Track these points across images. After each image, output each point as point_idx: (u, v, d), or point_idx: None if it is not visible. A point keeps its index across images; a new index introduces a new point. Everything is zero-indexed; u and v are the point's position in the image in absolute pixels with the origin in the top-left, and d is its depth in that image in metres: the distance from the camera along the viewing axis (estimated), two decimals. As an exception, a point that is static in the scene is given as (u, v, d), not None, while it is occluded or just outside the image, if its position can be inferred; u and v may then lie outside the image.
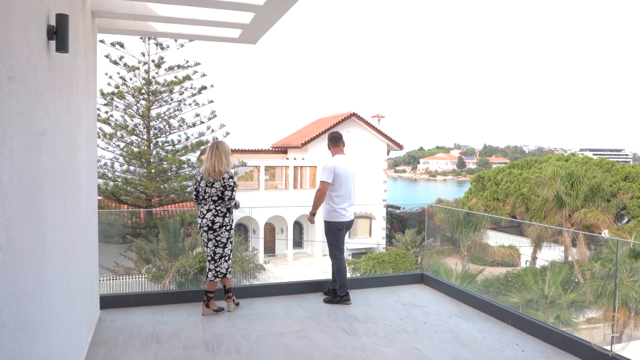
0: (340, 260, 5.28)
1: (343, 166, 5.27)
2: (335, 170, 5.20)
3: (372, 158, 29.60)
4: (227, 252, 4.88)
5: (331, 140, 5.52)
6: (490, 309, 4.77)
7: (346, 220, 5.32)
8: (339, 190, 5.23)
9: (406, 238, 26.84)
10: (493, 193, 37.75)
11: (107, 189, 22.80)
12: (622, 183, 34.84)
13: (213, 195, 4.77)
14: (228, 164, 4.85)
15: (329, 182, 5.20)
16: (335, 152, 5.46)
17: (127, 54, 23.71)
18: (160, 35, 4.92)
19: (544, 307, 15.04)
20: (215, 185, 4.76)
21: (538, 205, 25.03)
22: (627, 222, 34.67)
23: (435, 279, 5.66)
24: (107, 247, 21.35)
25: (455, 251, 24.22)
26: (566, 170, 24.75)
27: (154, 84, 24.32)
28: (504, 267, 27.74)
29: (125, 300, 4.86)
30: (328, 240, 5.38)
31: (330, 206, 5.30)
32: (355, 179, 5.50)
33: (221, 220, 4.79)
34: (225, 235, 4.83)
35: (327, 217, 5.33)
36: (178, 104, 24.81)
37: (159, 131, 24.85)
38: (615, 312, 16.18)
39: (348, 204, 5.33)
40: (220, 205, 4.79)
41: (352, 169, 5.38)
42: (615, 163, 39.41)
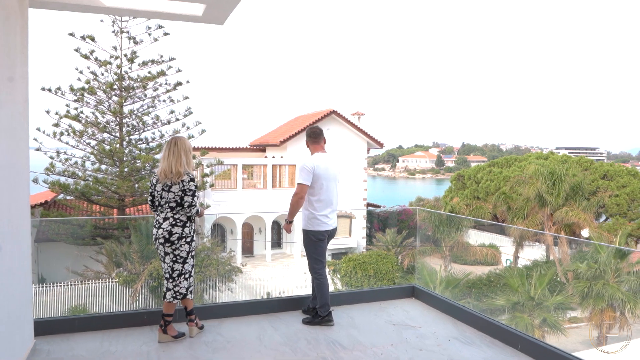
0: (321, 275, 4.58)
1: (324, 166, 4.58)
2: (315, 170, 4.50)
3: (352, 156, 29.04)
4: (187, 269, 4.12)
5: (310, 136, 4.80)
6: (494, 330, 4.16)
7: (328, 229, 4.61)
8: (319, 194, 4.54)
9: (387, 237, 26.38)
10: (473, 191, 37.55)
11: (77, 188, 21.78)
12: (600, 181, 34.95)
13: (170, 200, 4.02)
14: (189, 163, 4.11)
15: (308, 185, 4.48)
16: (315, 149, 4.74)
17: (99, 48, 22.70)
18: (108, 12, 4.19)
19: (530, 310, 14.62)
20: (173, 189, 4.02)
21: (520, 204, 24.73)
22: (605, 219, 34.79)
23: (428, 293, 5.02)
24: (78, 249, 20.40)
25: (436, 251, 23.81)
26: (548, 169, 24.49)
27: (126, 79, 23.37)
28: (485, 267, 27.50)
29: (68, 325, 4.08)
30: (307, 252, 4.67)
31: (309, 213, 4.58)
32: (338, 180, 4.81)
33: (180, 231, 4.04)
34: (186, 248, 4.08)
35: (306, 225, 4.61)
36: (152, 100, 23.89)
37: (132, 128, 23.91)
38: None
39: (330, 210, 4.63)
40: (179, 213, 4.05)
41: (334, 169, 4.71)
42: (594, 161, 39.58)
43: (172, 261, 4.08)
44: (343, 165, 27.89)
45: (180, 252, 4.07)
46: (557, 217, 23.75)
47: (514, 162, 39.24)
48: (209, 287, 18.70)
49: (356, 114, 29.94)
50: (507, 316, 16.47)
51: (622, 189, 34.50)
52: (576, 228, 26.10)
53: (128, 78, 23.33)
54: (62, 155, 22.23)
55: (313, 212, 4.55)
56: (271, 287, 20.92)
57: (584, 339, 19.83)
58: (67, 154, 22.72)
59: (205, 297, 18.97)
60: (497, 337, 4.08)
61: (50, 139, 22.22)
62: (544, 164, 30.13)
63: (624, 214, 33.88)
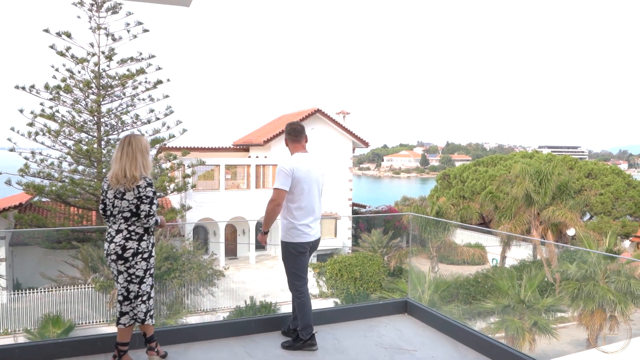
0: (302, 293, 4.03)
1: (305, 168, 4.01)
2: (295, 173, 3.94)
3: (337, 156, 28.56)
4: (145, 290, 3.54)
5: (290, 134, 4.22)
6: (499, 354, 3.67)
7: (310, 241, 4.05)
8: (299, 200, 3.98)
9: (372, 238, 25.96)
10: (459, 191, 37.35)
11: (52, 190, 21.00)
12: (585, 180, 34.95)
13: (124, 210, 3.45)
14: (146, 166, 3.54)
15: (286, 190, 3.92)
16: (295, 149, 4.16)
17: (75, 44, 21.94)
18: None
19: (521, 313, 14.27)
20: (127, 196, 3.44)
21: (507, 203, 24.46)
22: (590, 218, 34.81)
23: (423, 309, 4.53)
24: (53, 253, 19.64)
25: (423, 251, 23.47)
26: (534, 168, 24.26)
27: (104, 77, 22.63)
28: (472, 266, 27.24)
29: (7, 356, 3.51)
30: (286, 266, 4.11)
31: (288, 222, 4.01)
32: (322, 184, 4.24)
33: (135, 246, 3.45)
34: (142, 266, 3.49)
35: (285, 236, 4.05)
36: (131, 99, 23.21)
37: (110, 128, 23.19)
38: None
39: (312, 218, 4.06)
40: (134, 224, 3.48)
41: (317, 171, 4.13)
42: (578, 160, 39.64)
43: (126, 280, 3.50)
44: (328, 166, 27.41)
45: (135, 271, 3.48)
46: (544, 216, 23.52)
47: (499, 161, 39.14)
48: (189, 292, 18.13)
49: (341, 112, 29.47)
50: (496, 319, 16.13)
51: (607, 187, 34.55)
52: (563, 227, 25.93)
53: (106, 76, 22.62)
54: (37, 156, 21.44)
55: (292, 221, 4.00)
56: (254, 291, 20.36)
57: (572, 339, 19.62)
58: (42, 154, 21.94)
59: (187, 301, 18.40)
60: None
61: (25, 139, 21.44)
62: (529, 162, 29.97)
63: (608, 212, 33.92)
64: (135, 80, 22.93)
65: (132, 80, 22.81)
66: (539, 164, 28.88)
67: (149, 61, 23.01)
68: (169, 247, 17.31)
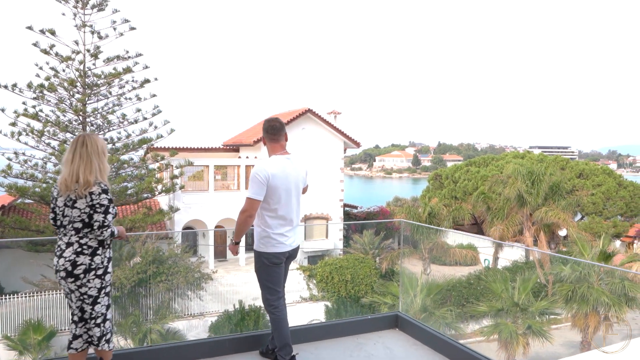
0: (277, 308, 3.62)
1: (283, 174, 3.61)
2: (271, 180, 3.54)
3: (328, 156, 28.21)
4: (99, 311, 3.13)
5: (267, 132, 3.77)
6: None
7: (286, 250, 3.65)
8: (275, 209, 3.59)
9: (364, 239, 25.67)
10: (451, 191, 37.15)
11: (36, 191, 20.49)
12: (576, 180, 34.88)
13: (75, 220, 3.04)
14: (102, 170, 3.15)
15: (259, 200, 3.53)
16: (274, 149, 3.74)
17: (59, 42, 21.42)
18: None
19: (514, 316, 13.99)
20: (79, 204, 3.03)
21: (499, 204, 24.23)
22: (581, 218, 34.74)
23: (415, 324, 4.17)
24: (35, 257, 19.12)
25: (415, 252, 23.20)
26: (526, 169, 24.06)
27: (90, 76, 22.12)
28: (464, 267, 27.00)
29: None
30: (259, 279, 3.72)
31: (262, 230, 3.63)
32: (302, 188, 3.84)
33: (88, 261, 3.04)
34: (96, 284, 3.08)
35: (258, 245, 3.65)
36: (117, 98, 22.69)
37: (96, 128, 22.69)
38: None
39: (290, 227, 3.68)
40: (87, 236, 3.08)
41: (296, 175, 3.73)
42: (570, 160, 39.59)
43: (79, 300, 3.09)
44: (316, 165, 27.04)
45: (88, 290, 3.06)
46: (537, 217, 23.33)
47: (491, 162, 38.99)
48: (177, 296, 17.71)
49: (332, 112, 29.12)
50: (490, 321, 15.86)
51: (598, 187, 34.52)
52: (555, 228, 25.77)
53: (92, 74, 22.12)
54: (20, 157, 20.90)
55: (267, 230, 3.61)
56: (244, 294, 19.96)
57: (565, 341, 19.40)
58: (26, 155, 21.41)
59: (175, 306, 17.97)
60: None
61: (7, 139, 20.91)
62: (521, 163, 29.82)
63: (599, 212, 33.88)
64: (122, 79, 22.44)
65: (118, 79, 22.31)
66: (531, 164, 28.73)
67: (136, 59, 22.50)
68: (154, 250, 16.88)
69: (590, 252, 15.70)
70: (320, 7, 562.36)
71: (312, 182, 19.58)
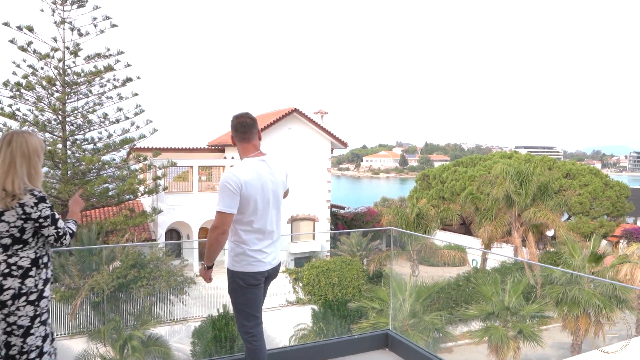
0: (254, 336, 3.16)
1: (258, 179, 3.07)
2: (244, 189, 3.01)
3: (315, 156, 27.80)
4: (34, 343, 2.58)
5: (237, 130, 3.23)
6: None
7: (265, 270, 3.16)
8: (250, 222, 3.08)
9: (351, 240, 25.29)
10: (439, 191, 36.96)
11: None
12: (563, 180, 34.86)
13: (3, 235, 2.54)
14: (32, 175, 2.60)
15: (232, 213, 3.01)
16: (245, 150, 3.22)
17: (38, 39, 20.82)
18: None
19: (505, 320, 13.69)
20: (6, 217, 2.53)
21: (488, 204, 24.00)
22: (568, 218, 34.73)
23: (406, 344, 3.77)
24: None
25: (403, 253, 22.88)
26: (515, 169, 23.87)
27: (70, 74, 21.54)
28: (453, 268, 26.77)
29: None
30: (233, 302, 3.25)
31: (236, 246, 3.13)
32: (282, 195, 3.33)
33: (18, 285, 2.52)
34: (28, 311, 2.55)
35: (232, 263, 3.16)
36: (98, 97, 22.12)
37: (77, 128, 22.10)
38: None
39: (269, 242, 3.16)
40: (17, 254, 2.55)
41: (274, 180, 3.19)
42: (557, 160, 39.62)
43: (5, 332, 2.55)
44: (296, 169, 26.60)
45: (18, 319, 2.53)
46: (525, 218, 23.15)
47: (478, 162, 38.86)
48: (159, 301, 17.18)
49: (319, 112, 28.72)
50: (480, 324, 15.55)
51: (585, 187, 34.54)
52: (544, 228, 25.63)
53: (72, 73, 21.54)
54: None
55: (242, 246, 3.11)
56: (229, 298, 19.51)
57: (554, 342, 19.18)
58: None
59: (157, 311, 17.44)
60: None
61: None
62: (509, 163, 29.67)
63: (586, 212, 33.89)
64: (103, 78, 21.91)
65: (99, 77, 21.78)
66: (518, 165, 28.58)
67: (117, 57, 22.00)
68: (135, 253, 16.35)
69: (580, 254, 15.46)
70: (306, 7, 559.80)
71: (298, 182, 19.26)
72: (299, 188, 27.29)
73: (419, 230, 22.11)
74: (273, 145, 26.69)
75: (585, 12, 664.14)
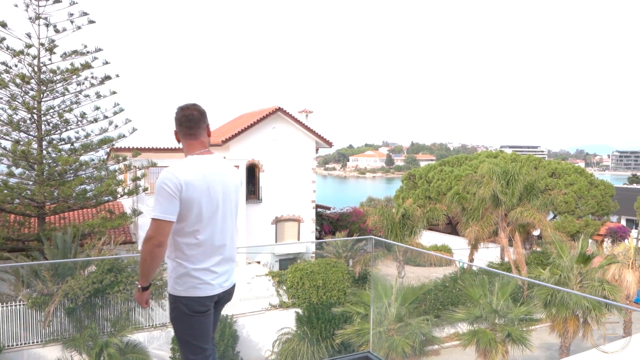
0: None
1: (203, 180, 2.57)
2: (185, 191, 2.51)
3: (300, 156, 27.34)
4: None
5: (181, 124, 2.72)
6: None
7: (215, 294, 2.64)
8: (193, 232, 2.57)
9: (337, 242, 24.89)
10: (425, 191, 36.72)
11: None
12: (549, 179, 34.85)
13: None
14: None
15: (171, 221, 2.51)
16: (191, 147, 2.70)
17: (12, 35, 20.06)
18: None
19: (493, 323, 13.34)
20: None
21: (474, 204, 23.74)
22: (553, 217, 34.72)
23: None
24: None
25: (389, 254, 22.51)
26: (501, 168, 23.64)
27: (46, 72, 20.82)
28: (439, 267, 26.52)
29: None
30: (176, 331, 2.72)
31: (177, 265, 2.61)
32: (237, 202, 2.79)
33: None
34: None
35: (173, 287, 2.63)
36: (75, 95, 21.42)
37: (53, 127, 21.39)
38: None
39: (218, 258, 2.63)
40: None
41: (225, 181, 2.68)
42: (542, 159, 39.62)
43: None
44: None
45: None
46: (512, 217, 22.92)
47: (464, 161, 38.73)
48: (137, 306, 16.58)
49: (304, 111, 28.26)
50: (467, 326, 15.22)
51: (570, 186, 34.58)
52: (530, 228, 25.45)
53: (48, 70, 20.82)
54: (-32, 158, 19.51)
55: (184, 263, 2.58)
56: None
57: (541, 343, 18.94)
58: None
59: (136, 316, 16.86)
60: None
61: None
62: (495, 162, 29.50)
63: (572, 211, 33.92)
64: (80, 76, 21.20)
65: (76, 75, 21.07)
66: (504, 164, 28.40)
67: (95, 55, 21.28)
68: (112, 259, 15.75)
69: (568, 254, 15.20)
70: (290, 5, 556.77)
71: (283, 183, 18.52)
72: (283, 188, 26.84)
73: (405, 231, 21.74)
74: (257, 145, 26.19)
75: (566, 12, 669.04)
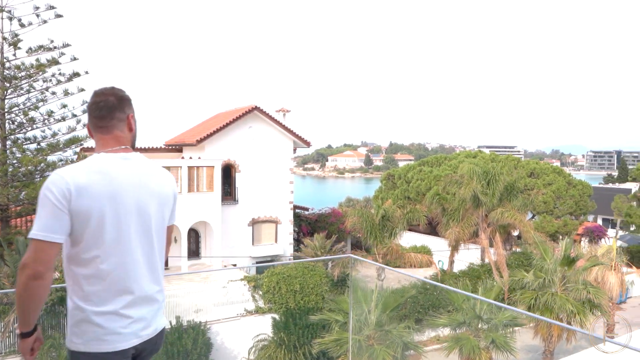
0: None
1: (107, 186, 1.87)
2: (76, 200, 1.81)
3: (277, 156, 26.68)
4: None
5: (94, 115, 2.02)
6: None
7: (130, 347, 1.94)
8: (95, 257, 1.87)
9: (315, 243, 24.33)
10: (404, 191, 36.38)
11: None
12: (527, 179, 34.79)
13: None
14: None
15: (57, 242, 1.79)
16: (103, 143, 2.02)
17: (-28, 29, 19.06)
18: None
19: (476, 329, 12.90)
20: None
21: (455, 205, 23.38)
22: (532, 217, 34.66)
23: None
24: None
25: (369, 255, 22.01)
26: (481, 169, 23.31)
27: (10, 67, 19.86)
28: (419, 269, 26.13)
29: None
30: None
31: (74, 307, 1.92)
32: (165, 216, 2.10)
33: None
34: None
35: (71, 338, 1.95)
36: (41, 93, 20.48)
37: (17, 126, 20.41)
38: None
39: (131, 297, 1.95)
40: None
41: (151, 190, 2.03)
42: (520, 159, 39.63)
43: None
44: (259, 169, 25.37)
45: None
46: (492, 218, 22.61)
47: (443, 161, 38.50)
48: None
49: (281, 110, 27.62)
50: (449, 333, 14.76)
51: (549, 186, 34.55)
52: (511, 229, 25.21)
53: (12, 66, 19.85)
54: None
55: (82, 305, 1.89)
56: (185, 306, 18.24)
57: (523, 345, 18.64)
58: None
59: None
60: None
61: None
62: (474, 162, 29.26)
63: (550, 211, 33.88)
64: (46, 72, 20.29)
65: (42, 71, 20.14)
66: (484, 164, 28.16)
67: (62, 50, 20.39)
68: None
69: (552, 257, 14.85)
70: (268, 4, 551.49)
71: (260, 183, 17.52)
72: (260, 189, 26.16)
73: (385, 233, 21.25)
74: (233, 145, 25.46)
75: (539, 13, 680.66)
